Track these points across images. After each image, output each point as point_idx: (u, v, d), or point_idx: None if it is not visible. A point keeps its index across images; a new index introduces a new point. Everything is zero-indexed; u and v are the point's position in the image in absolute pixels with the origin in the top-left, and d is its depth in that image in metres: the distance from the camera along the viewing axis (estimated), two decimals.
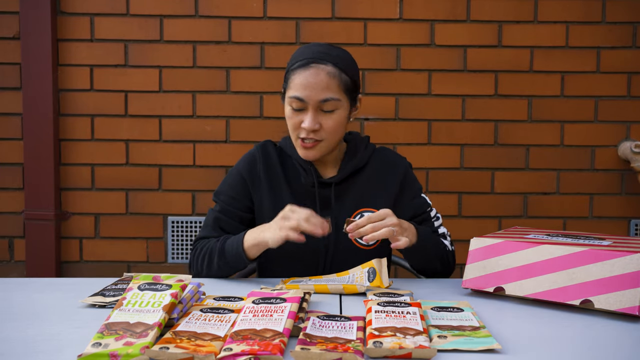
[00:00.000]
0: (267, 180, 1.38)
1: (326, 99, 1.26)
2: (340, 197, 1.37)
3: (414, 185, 1.44)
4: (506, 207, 2.37)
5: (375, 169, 1.41)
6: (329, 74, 1.26)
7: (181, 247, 2.37)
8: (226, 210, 1.38)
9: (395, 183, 1.40)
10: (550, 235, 1.20)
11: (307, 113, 1.28)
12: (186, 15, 2.30)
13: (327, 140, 1.31)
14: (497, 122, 2.35)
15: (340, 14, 2.31)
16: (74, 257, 2.36)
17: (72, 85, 2.32)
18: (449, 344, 0.82)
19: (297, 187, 1.38)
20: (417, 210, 1.41)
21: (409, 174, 1.44)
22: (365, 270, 1.19)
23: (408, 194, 1.42)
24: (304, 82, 1.26)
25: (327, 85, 1.26)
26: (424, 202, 1.43)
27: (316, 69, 1.26)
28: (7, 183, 2.34)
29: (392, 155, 1.46)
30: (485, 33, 2.32)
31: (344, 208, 1.37)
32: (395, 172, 1.42)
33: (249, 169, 1.40)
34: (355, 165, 1.39)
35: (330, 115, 1.29)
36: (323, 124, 1.29)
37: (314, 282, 1.20)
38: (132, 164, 2.34)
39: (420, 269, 1.39)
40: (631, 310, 0.95)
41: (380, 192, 1.39)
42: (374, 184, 1.40)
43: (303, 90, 1.26)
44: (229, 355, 0.75)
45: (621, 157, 2.33)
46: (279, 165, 1.40)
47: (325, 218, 1.19)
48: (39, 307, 1.03)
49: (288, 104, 1.31)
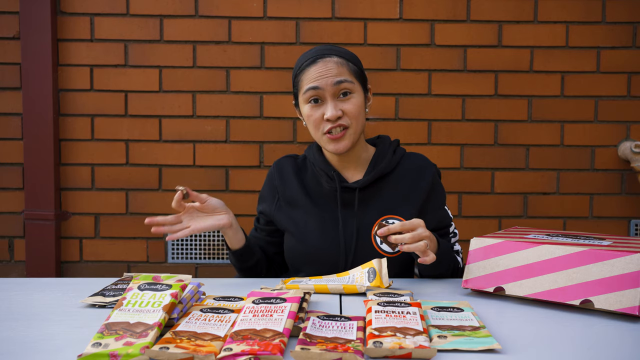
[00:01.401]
0: (284, 194, 1.41)
1: (340, 80, 1.28)
2: (364, 202, 1.35)
3: (440, 196, 1.42)
4: (506, 207, 2.37)
5: (403, 176, 1.38)
6: (337, 62, 1.30)
7: (181, 247, 2.37)
8: (256, 226, 1.51)
9: (423, 191, 1.37)
10: (550, 235, 1.20)
11: (326, 103, 1.29)
12: (186, 15, 2.30)
13: (353, 126, 1.31)
14: (497, 122, 2.35)
15: (340, 14, 2.31)
16: (74, 257, 2.36)
17: (72, 85, 2.32)
18: (449, 344, 0.82)
19: (319, 194, 1.39)
20: (439, 223, 1.39)
21: (436, 183, 1.41)
22: (365, 270, 1.19)
23: (434, 204, 1.39)
24: (314, 74, 1.29)
25: (338, 71, 1.29)
26: (447, 216, 1.41)
27: (324, 62, 1.29)
28: (7, 183, 2.34)
29: (422, 160, 1.43)
30: (485, 33, 2.32)
31: (367, 214, 1.34)
32: (423, 179, 1.38)
33: (269, 186, 1.47)
34: (382, 170, 1.36)
35: (349, 100, 1.30)
36: (344, 109, 1.29)
37: (314, 282, 1.20)
38: (132, 164, 2.34)
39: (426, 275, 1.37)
40: (631, 310, 0.95)
41: (406, 200, 1.35)
42: (401, 191, 1.37)
43: (315, 80, 1.28)
44: (229, 355, 0.75)
45: (621, 157, 2.33)
46: (296, 177, 1.42)
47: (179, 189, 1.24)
48: (39, 307, 1.03)
49: (304, 102, 1.31)
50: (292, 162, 1.46)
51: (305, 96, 1.30)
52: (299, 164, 1.46)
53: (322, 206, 1.37)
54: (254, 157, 2.33)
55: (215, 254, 2.37)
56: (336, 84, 1.27)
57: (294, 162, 1.46)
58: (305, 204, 1.38)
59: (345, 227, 1.34)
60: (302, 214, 1.38)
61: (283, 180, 1.43)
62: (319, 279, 1.22)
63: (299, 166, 1.45)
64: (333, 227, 1.34)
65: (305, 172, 1.44)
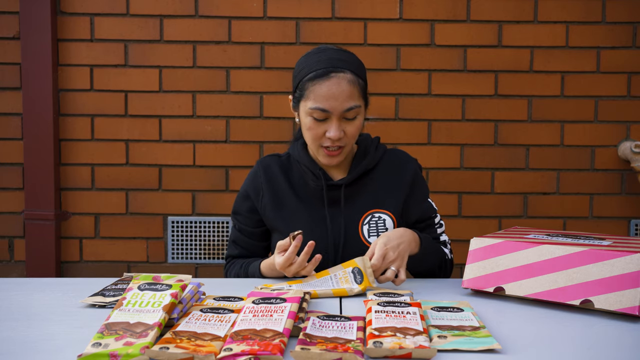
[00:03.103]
0: (270, 192, 1.40)
1: (350, 107, 1.27)
2: (350, 199, 1.38)
3: (423, 188, 1.44)
4: (506, 207, 2.37)
5: (386, 170, 1.41)
6: (350, 82, 1.27)
7: (181, 247, 2.37)
8: (242, 229, 1.46)
9: (406, 184, 1.40)
10: (550, 235, 1.19)
11: (331, 123, 1.28)
12: (186, 15, 2.30)
13: (349, 145, 1.33)
14: (497, 122, 2.35)
15: (340, 14, 2.31)
16: (74, 257, 2.36)
17: (72, 85, 2.32)
18: (449, 344, 0.82)
19: (305, 192, 1.39)
20: (423, 214, 1.42)
21: (418, 176, 1.44)
22: (349, 270, 1.17)
23: (417, 196, 1.42)
24: (327, 93, 1.26)
25: (350, 94, 1.27)
26: (431, 207, 1.43)
27: (337, 79, 1.27)
28: (7, 183, 2.34)
29: (403, 155, 1.46)
30: (485, 33, 2.32)
31: (354, 210, 1.37)
32: (405, 173, 1.41)
33: (252, 185, 1.43)
34: (366, 166, 1.39)
35: (353, 122, 1.30)
36: (347, 131, 1.30)
37: (296, 287, 1.15)
38: (132, 164, 2.34)
39: (416, 273, 1.39)
40: (631, 310, 0.95)
41: (391, 194, 1.39)
42: (385, 185, 1.40)
43: (326, 101, 1.26)
44: (229, 356, 0.75)
45: (621, 157, 2.33)
46: (282, 175, 1.41)
47: (295, 234, 1.18)
48: (39, 307, 1.03)
49: (308, 115, 1.29)
50: (277, 160, 1.45)
51: (311, 111, 1.28)
52: (284, 162, 1.45)
53: (309, 204, 1.38)
54: (254, 157, 2.33)
55: (215, 254, 2.37)
56: (346, 111, 1.27)
57: (279, 160, 1.45)
58: (292, 203, 1.38)
59: (333, 224, 1.35)
60: (290, 213, 1.38)
61: (270, 179, 1.41)
62: (300, 284, 1.18)
63: (284, 165, 1.44)
64: (321, 224, 1.35)
65: (290, 170, 1.43)
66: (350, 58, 1.32)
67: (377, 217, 1.36)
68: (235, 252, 1.47)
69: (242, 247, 1.46)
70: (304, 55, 1.36)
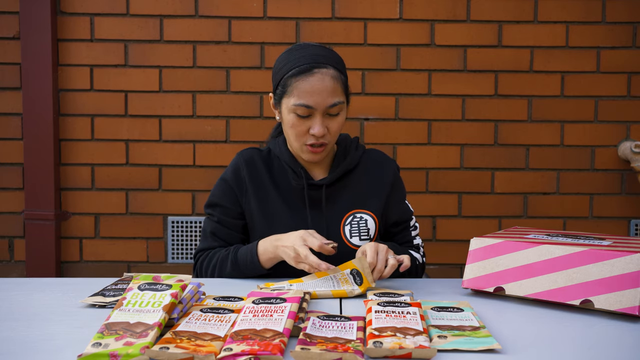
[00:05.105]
0: (252, 186, 1.37)
1: (334, 103, 1.27)
2: (331, 199, 1.37)
3: (402, 190, 1.46)
4: (506, 207, 2.37)
5: (366, 170, 1.41)
6: (333, 77, 1.27)
7: (181, 247, 2.37)
8: (223, 220, 1.39)
9: (387, 184, 1.41)
10: (550, 235, 1.20)
11: (315, 119, 1.27)
12: (186, 15, 2.30)
13: (332, 142, 1.33)
14: (497, 122, 2.35)
15: (340, 14, 2.31)
16: (74, 257, 2.36)
17: (72, 85, 2.32)
18: (449, 344, 0.82)
19: (286, 190, 1.38)
20: (401, 216, 1.42)
21: (397, 177, 1.45)
22: (348, 272, 1.17)
23: (397, 196, 1.43)
24: (310, 88, 1.25)
25: (334, 89, 1.27)
26: (408, 210, 1.45)
27: (320, 74, 1.26)
28: (7, 183, 2.34)
29: (382, 156, 1.46)
30: (485, 33, 2.32)
31: (335, 210, 1.36)
32: (386, 173, 1.42)
33: (234, 177, 1.39)
34: (347, 166, 1.38)
35: (336, 119, 1.30)
36: (330, 127, 1.29)
37: (296, 286, 1.16)
38: (132, 164, 2.34)
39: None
40: (631, 310, 0.95)
41: (372, 193, 1.39)
42: (366, 185, 1.40)
43: (310, 97, 1.25)
44: (229, 355, 0.75)
45: (621, 157, 2.33)
46: (265, 170, 1.39)
47: (331, 244, 1.17)
48: (39, 307, 1.03)
49: (291, 112, 1.28)
50: (259, 154, 1.42)
51: (295, 107, 1.27)
52: (265, 157, 1.42)
53: (290, 203, 1.36)
54: None
55: None
56: (330, 107, 1.26)
57: (260, 154, 1.42)
58: (274, 199, 1.36)
59: (314, 224, 1.34)
60: (272, 209, 1.36)
61: (252, 172, 1.38)
62: (300, 283, 1.18)
63: (266, 159, 1.41)
64: (302, 224, 1.33)
65: (272, 165, 1.41)
66: (332, 54, 1.32)
67: (358, 217, 1.36)
68: (214, 244, 1.38)
69: (221, 239, 1.38)
70: (284, 52, 1.35)
